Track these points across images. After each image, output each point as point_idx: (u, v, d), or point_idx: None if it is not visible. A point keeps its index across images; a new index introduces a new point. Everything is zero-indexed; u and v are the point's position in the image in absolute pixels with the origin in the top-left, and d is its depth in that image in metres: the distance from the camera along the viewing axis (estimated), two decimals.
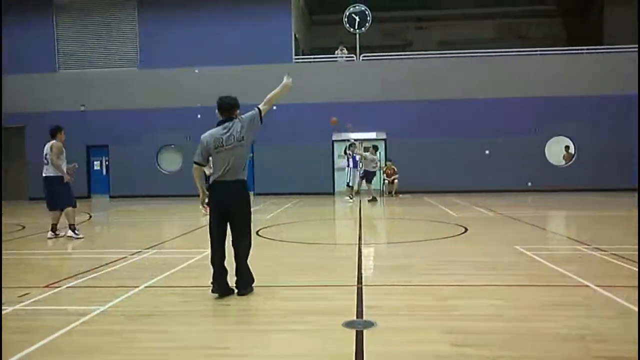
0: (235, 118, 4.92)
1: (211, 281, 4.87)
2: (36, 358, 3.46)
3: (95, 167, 21.57)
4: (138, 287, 5.32)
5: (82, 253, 7.93)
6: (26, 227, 11.26)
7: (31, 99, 20.95)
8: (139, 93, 20.81)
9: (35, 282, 5.59)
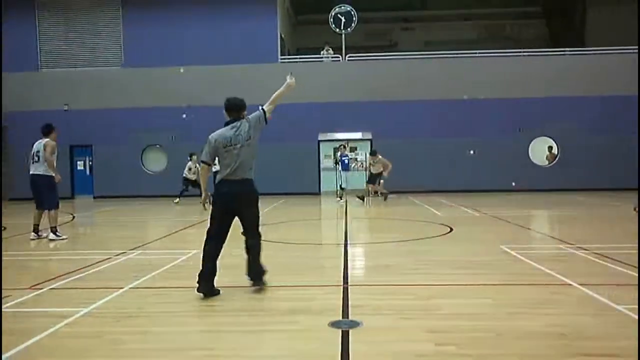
0: (242, 118, 4.99)
1: (197, 280, 4.86)
2: None
3: (78, 167, 21.33)
4: (123, 289, 5.28)
5: (66, 254, 7.84)
6: (7, 228, 11.10)
7: (13, 98, 20.65)
8: (124, 92, 20.60)
9: (17, 284, 5.51)
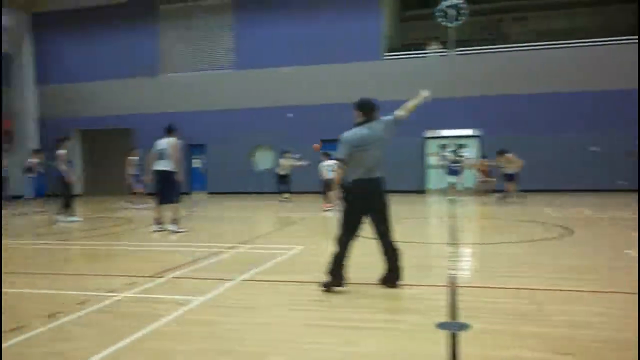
0: (374, 119, 5.06)
1: (329, 278, 4.95)
2: (143, 343, 3.71)
3: (194, 165, 22.74)
4: (235, 280, 5.54)
5: (184, 246, 8.39)
6: (133, 221, 12.11)
7: (137, 102, 22.57)
8: (235, 94, 21.67)
9: (142, 272, 6.01)
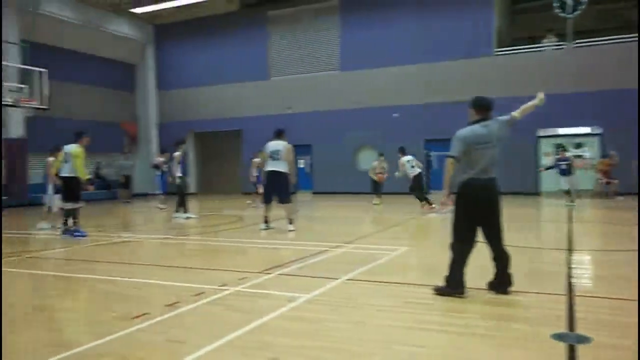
0: (490, 118, 4.96)
1: (445, 284, 4.85)
2: (251, 336, 3.85)
3: (300, 165, 23.32)
4: (339, 279, 5.60)
5: (290, 244, 8.62)
6: (243, 219, 12.66)
7: (247, 104, 23.62)
8: (339, 95, 21.95)
9: (252, 268, 6.27)
